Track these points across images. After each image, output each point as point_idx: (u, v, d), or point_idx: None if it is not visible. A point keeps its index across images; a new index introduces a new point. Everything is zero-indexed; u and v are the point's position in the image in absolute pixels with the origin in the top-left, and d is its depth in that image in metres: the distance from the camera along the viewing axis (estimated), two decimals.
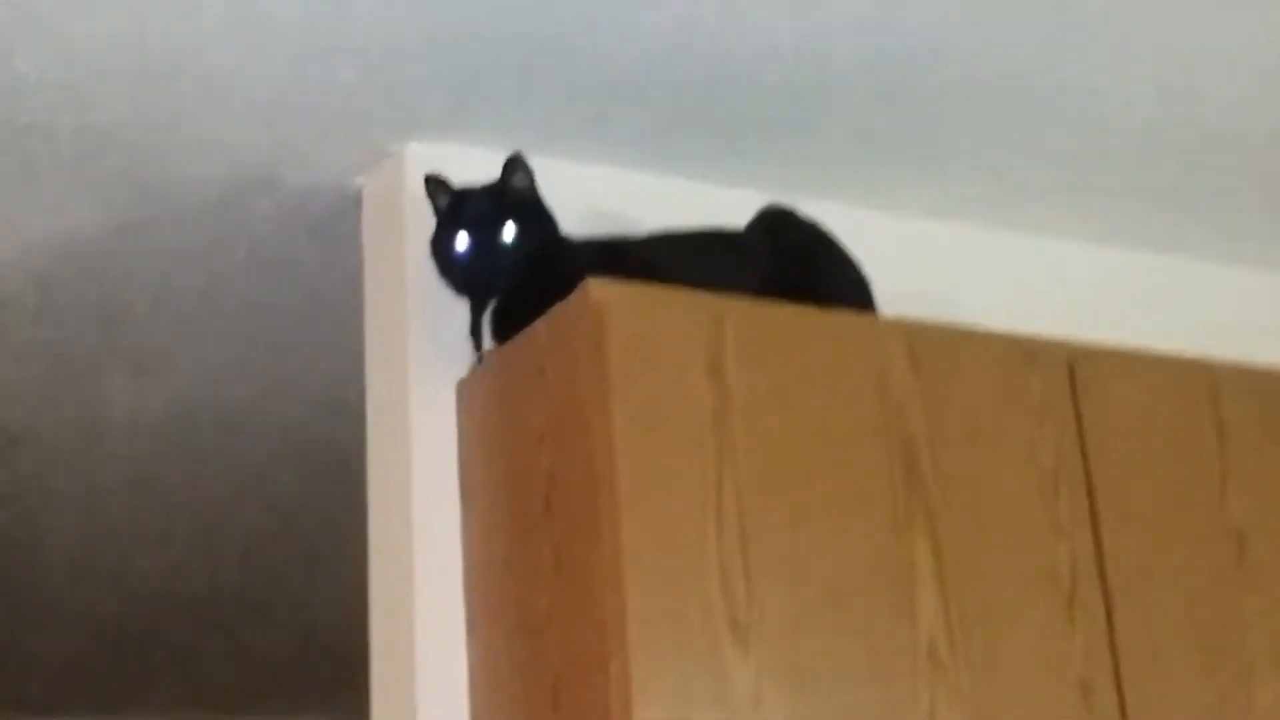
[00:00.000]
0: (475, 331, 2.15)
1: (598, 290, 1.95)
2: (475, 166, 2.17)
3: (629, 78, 2.20)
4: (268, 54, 2.10)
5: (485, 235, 2.09)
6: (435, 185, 2.14)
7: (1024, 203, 2.60)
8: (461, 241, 2.10)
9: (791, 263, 2.19)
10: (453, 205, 2.13)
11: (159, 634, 4.23)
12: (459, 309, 2.17)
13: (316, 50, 2.09)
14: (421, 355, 2.21)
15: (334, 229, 2.47)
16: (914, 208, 2.58)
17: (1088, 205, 2.63)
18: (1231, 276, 2.82)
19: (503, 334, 2.12)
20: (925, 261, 2.55)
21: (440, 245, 2.12)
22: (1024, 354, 2.17)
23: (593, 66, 2.17)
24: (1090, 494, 2.14)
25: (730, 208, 2.27)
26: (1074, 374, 2.19)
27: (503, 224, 2.08)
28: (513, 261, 2.09)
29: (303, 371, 2.95)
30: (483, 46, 2.11)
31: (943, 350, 2.11)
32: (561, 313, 2.00)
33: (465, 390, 2.18)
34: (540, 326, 2.03)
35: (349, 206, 2.41)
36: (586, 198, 2.30)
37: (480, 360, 2.16)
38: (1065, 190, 2.59)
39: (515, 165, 2.12)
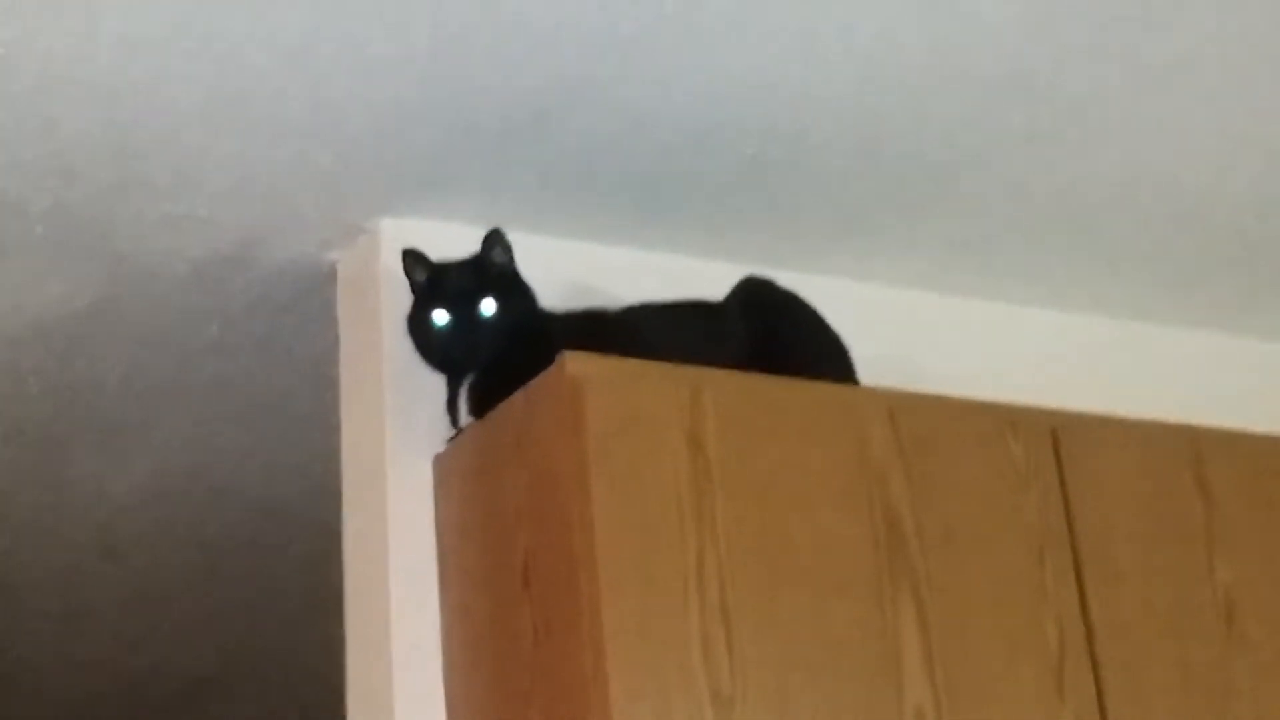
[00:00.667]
0: (452, 406, 2.14)
1: (575, 363, 1.93)
2: (450, 242, 2.17)
3: (604, 153, 2.20)
4: (242, 133, 2.09)
5: (464, 310, 2.07)
6: (413, 260, 2.13)
7: (1002, 271, 2.60)
8: (440, 317, 2.08)
9: (771, 333, 2.18)
10: (431, 280, 2.12)
11: (131, 710, 4.18)
12: (435, 384, 2.15)
13: (291, 128, 2.09)
14: (398, 430, 2.19)
15: (309, 305, 2.46)
16: (892, 277, 2.58)
17: (1065, 273, 2.64)
18: (1208, 341, 2.83)
19: (480, 408, 2.10)
20: (905, 331, 2.55)
21: (418, 321, 2.11)
22: (1006, 422, 2.16)
23: (568, 142, 2.17)
24: (1076, 561, 2.13)
25: (708, 280, 2.27)
26: (1057, 441, 2.18)
27: (482, 299, 2.07)
28: (492, 336, 2.08)
29: (278, 448, 2.93)
30: (457, 123, 2.10)
31: (924, 419, 2.11)
32: (538, 386, 1.98)
33: (442, 465, 2.17)
34: (517, 400, 2.02)
35: (324, 282, 2.40)
36: (563, 273, 2.29)
37: (457, 435, 2.14)
38: (1043, 258, 2.59)
39: (494, 240, 2.11)
